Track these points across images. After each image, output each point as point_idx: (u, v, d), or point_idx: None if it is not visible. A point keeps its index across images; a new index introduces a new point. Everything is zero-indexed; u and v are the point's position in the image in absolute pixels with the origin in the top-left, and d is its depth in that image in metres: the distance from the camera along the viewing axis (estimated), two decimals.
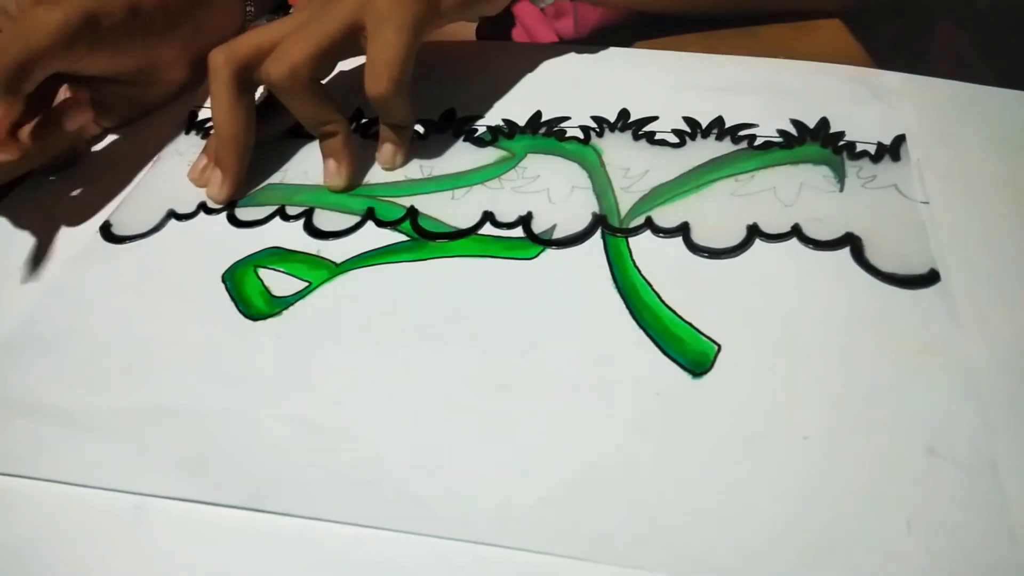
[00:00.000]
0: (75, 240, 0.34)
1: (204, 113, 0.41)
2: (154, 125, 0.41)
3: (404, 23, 0.33)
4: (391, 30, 0.33)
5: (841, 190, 0.31)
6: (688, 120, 0.36)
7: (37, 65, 0.32)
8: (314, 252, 0.32)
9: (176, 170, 0.37)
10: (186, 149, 0.39)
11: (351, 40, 0.34)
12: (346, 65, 0.41)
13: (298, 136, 0.38)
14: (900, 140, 0.33)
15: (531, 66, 0.41)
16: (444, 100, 0.39)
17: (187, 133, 0.40)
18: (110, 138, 0.41)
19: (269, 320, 0.29)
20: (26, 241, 0.35)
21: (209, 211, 0.35)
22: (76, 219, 0.35)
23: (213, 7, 0.42)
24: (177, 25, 0.39)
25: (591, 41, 0.43)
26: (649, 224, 0.31)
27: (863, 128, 0.34)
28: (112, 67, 0.37)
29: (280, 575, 0.22)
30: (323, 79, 0.35)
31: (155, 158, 0.39)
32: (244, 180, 0.35)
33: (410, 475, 0.24)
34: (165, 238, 0.34)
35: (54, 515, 0.24)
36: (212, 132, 0.36)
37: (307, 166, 0.37)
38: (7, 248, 0.35)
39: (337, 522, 0.23)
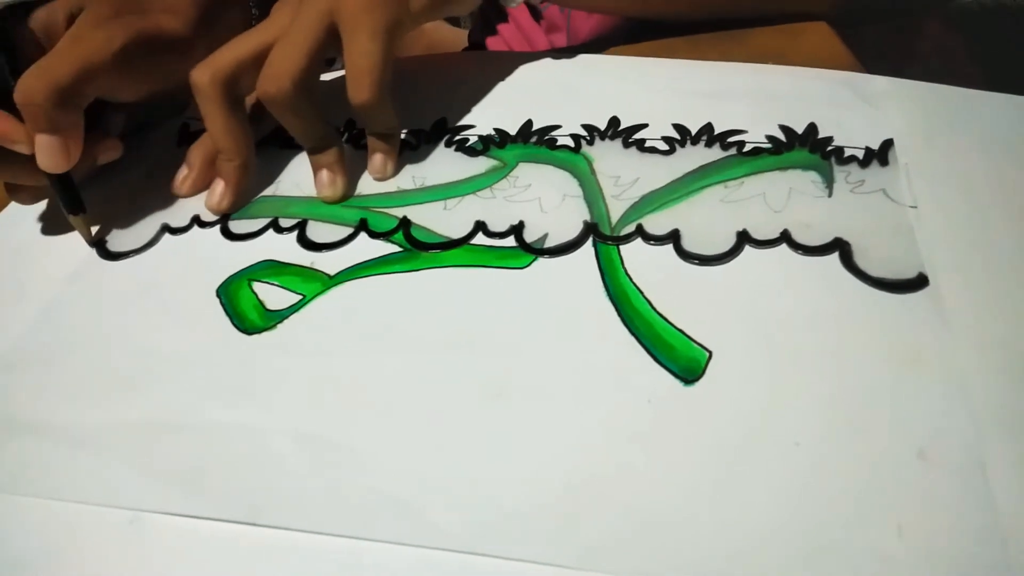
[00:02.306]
0: (72, 257, 0.35)
1: (195, 126, 0.41)
2: (145, 139, 0.41)
3: (376, 28, 0.33)
4: (365, 37, 0.33)
5: (830, 195, 0.31)
6: (678, 127, 0.36)
7: (92, 82, 0.32)
8: (308, 264, 0.32)
9: (169, 184, 0.37)
10: (178, 162, 0.39)
11: (333, 42, 0.34)
12: (333, 76, 0.41)
13: (286, 147, 0.38)
14: (888, 144, 0.33)
15: (521, 75, 0.42)
16: (435, 110, 0.40)
17: (179, 146, 0.40)
18: None
19: (264, 333, 0.30)
20: (23, 259, 0.35)
21: (203, 224, 0.35)
22: (73, 237, 0.35)
23: (231, 17, 0.41)
24: (198, 42, 0.38)
25: (582, 50, 0.43)
26: (640, 232, 0.31)
27: (851, 133, 0.34)
28: (143, 91, 0.36)
29: None
30: (315, 89, 0.35)
31: (147, 172, 0.39)
32: (245, 192, 0.36)
33: (405, 486, 0.24)
34: (160, 253, 0.34)
35: (51, 531, 0.24)
36: (195, 144, 0.37)
37: (299, 178, 0.37)
38: (5, 266, 0.35)
39: (333, 535, 0.23)
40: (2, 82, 0.32)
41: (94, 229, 0.35)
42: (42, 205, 0.38)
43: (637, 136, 0.36)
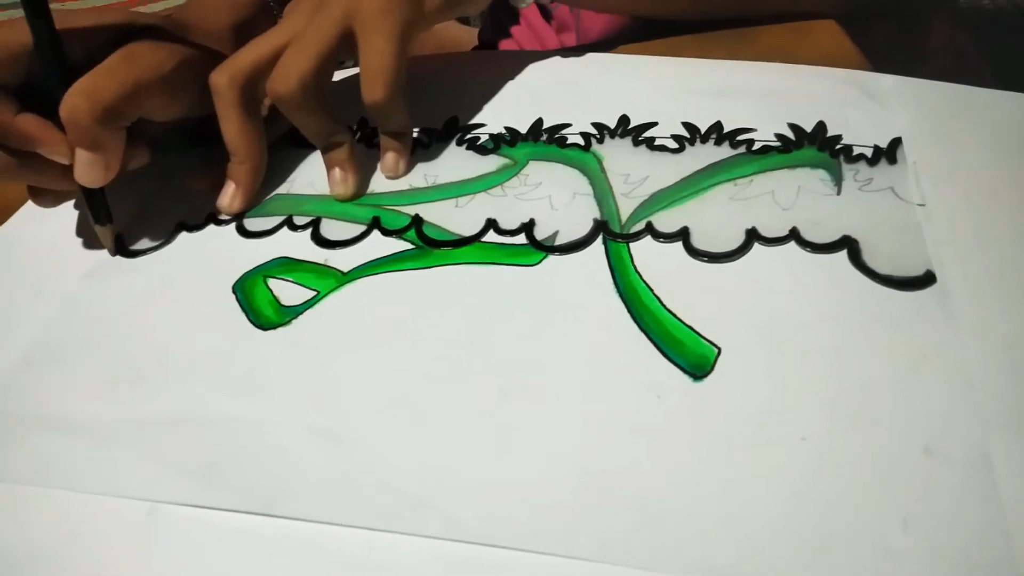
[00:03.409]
0: (89, 255, 0.35)
1: None
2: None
3: (392, 29, 0.34)
4: (380, 38, 0.34)
5: (838, 193, 0.32)
6: (687, 125, 0.36)
7: (139, 103, 0.33)
8: (321, 261, 0.33)
9: (184, 182, 0.38)
10: (193, 161, 0.39)
11: (345, 46, 0.35)
12: (346, 76, 0.42)
13: (300, 146, 0.39)
14: (896, 143, 0.33)
15: (532, 74, 0.42)
16: (446, 109, 0.40)
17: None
18: None
19: (279, 329, 0.30)
20: (41, 257, 0.36)
21: (218, 222, 0.36)
22: (90, 234, 0.36)
23: (262, 21, 0.41)
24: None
25: (592, 49, 0.43)
26: (650, 229, 0.31)
27: (860, 131, 0.34)
28: (181, 113, 0.36)
29: None
30: (326, 90, 0.35)
31: (163, 171, 0.39)
32: (256, 194, 0.36)
33: (418, 480, 0.25)
34: (176, 250, 0.35)
35: (70, 522, 0.25)
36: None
37: (313, 176, 0.37)
38: (23, 265, 0.35)
39: (348, 526, 0.24)
40: (53, 88, 0.32)
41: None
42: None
43: (647, 134, 0.36)
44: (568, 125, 0.38)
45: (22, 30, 0.31)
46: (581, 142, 0.37)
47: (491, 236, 0.33)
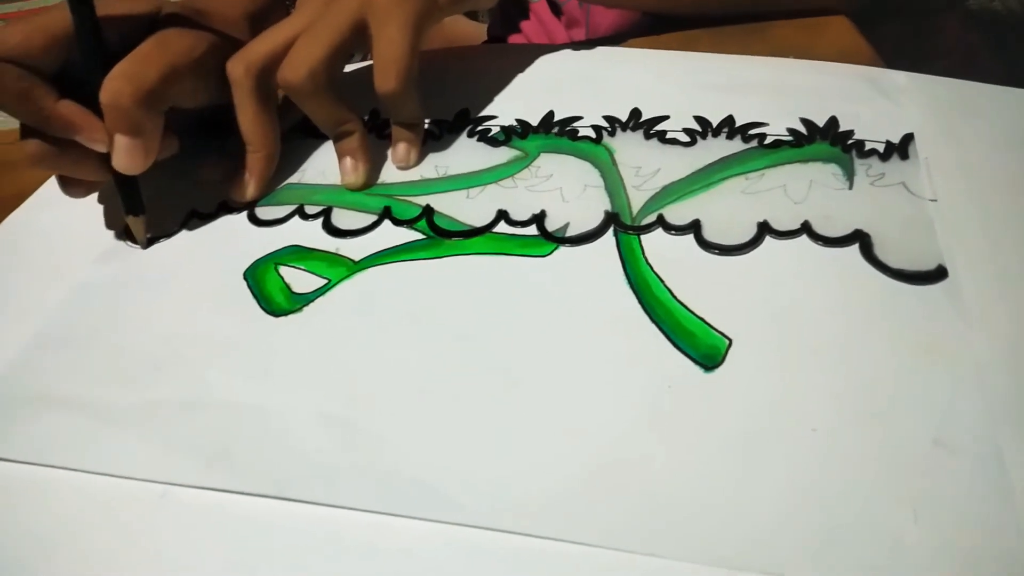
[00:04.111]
0: (101, 241, 0.35)
1: None
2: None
3: (406, 20, 0.34)
4: (394, 28, 0.34)
5: (850, 188, 0.32)
6: (699, 119, 0.36)
7: (175, 87, 0.33)
8: (333, 250, 0.33)
9: (197, 169, 0.38)
10: (206, 148, 0.39)
11: (358, 38, 0.35)
12: (358, 68, 0.42)
13: (312, 136, 0.39)
14: (908, 139, 0.33)
15: (543, 67, 0.42)
16: (458, 101, 0.40)
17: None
18: None
19: (290, 316, 0.30)
20: (53, 243, 0.36)
21: (230, 210, 0.36)
22: (101, 221, 0.36)
23: (276, 11, 0.41)
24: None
25: (603, 43, 0.43)
26: (661, 222, 0.31)
27: (872, 127, 0.34)
28: (205, 101, 0.36)
29: (302, 561, 0.23)
30: (337, 79, 0.35)
31: (176, 158, 0.39)
32: (270, 183, 0.36)
33: (427, 465, 0.25)
34: (187, 237, 0.35)
35: (82, 503, 0.25)
36: None
37: (324, 166, 0.37)
38: (37, 248, 0.36)
39: (357, 510, 0.24)
40: (92, 74, 0.32)
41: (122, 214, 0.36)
42: None
43: (658, 128, 0.36)
44: (579, 118, 0.38)
45: (61, 16, 0.31)
46: (592, 135, 0.37)
47: (502, 227, 0.33)
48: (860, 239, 0.29)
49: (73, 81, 0.32)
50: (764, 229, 0.30)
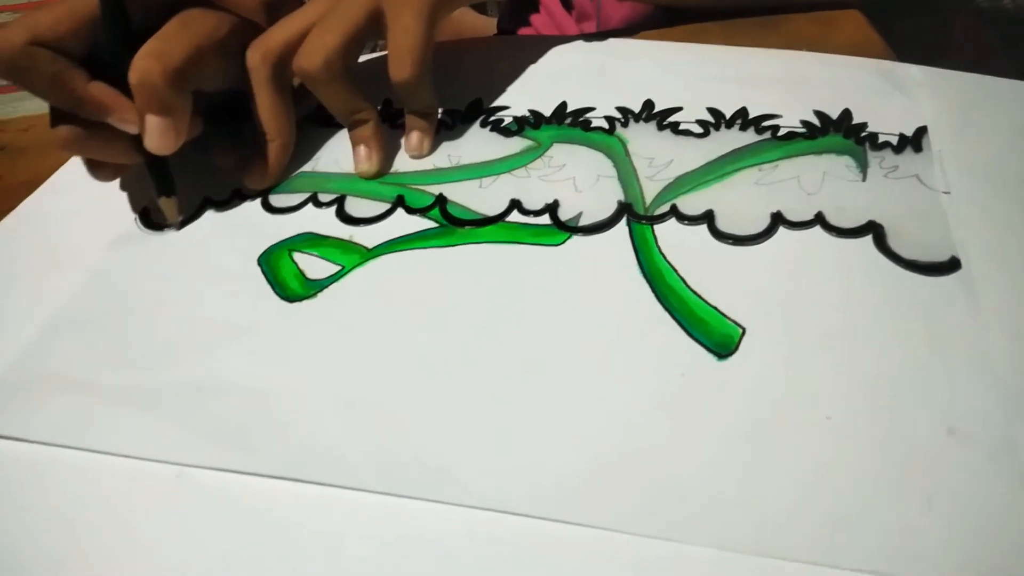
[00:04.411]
0: (115, 226, 0.35)
1: None
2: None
3: (421, 9, 0.34)
4: (409, 16, 0.34)
5: (864, 180, 0.32)
6: (712, 111, 0.36)
7: (202, 66, 0.33)
8: (346, 237, 0.33)
9: (209, 156, 0.38)
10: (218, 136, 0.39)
11: (373, 26, 0.35)
12: (371, 59, 0.42)
13: (326, 125, 0.39)
14: (922, 132, 0.33)
15: (555, 58, 0.42)
16: (470, 92, 0.40)
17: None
18: None
19: (304, 302, 0.30)
20: (67, 228, 0.36)
21: (243, 198, 0.36)
22: (115, 206, 0.36)
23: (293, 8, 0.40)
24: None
25: (615, 35, 0.43)
26: (674, 212, 0.32)
27: (885, 120, 0.34)
28: (225, 83, 0.36)
29: (316, 543, 0.23)
30: (352, 68, 0.35)
31: (189, 145, 0.39)
32: (284, 171, 0.37)
33: (441, 450, 0.25)
34: (202, 224, 0.35)
35: (97, 484, 0.25)
36: None
37: (338, 155, 0.37)
38: (49, 235, 0.36)
39: (372, 492, 0.24)
40: (118, 56, 0.32)
41: (137, 201, 0.36)
42: (85, 172, 0.39)
43: (671, 119, 0.36)
44: (592, 109, 0.38)
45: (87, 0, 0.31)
46: (605, 125, 0.37)
47: (515, 216, 0.33)
48: (873, 230, 0.29)
49: (99, 64, 0.32)
50: (777, 220, 0.30)
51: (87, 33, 0.31)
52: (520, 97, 0.40)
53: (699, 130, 0.35)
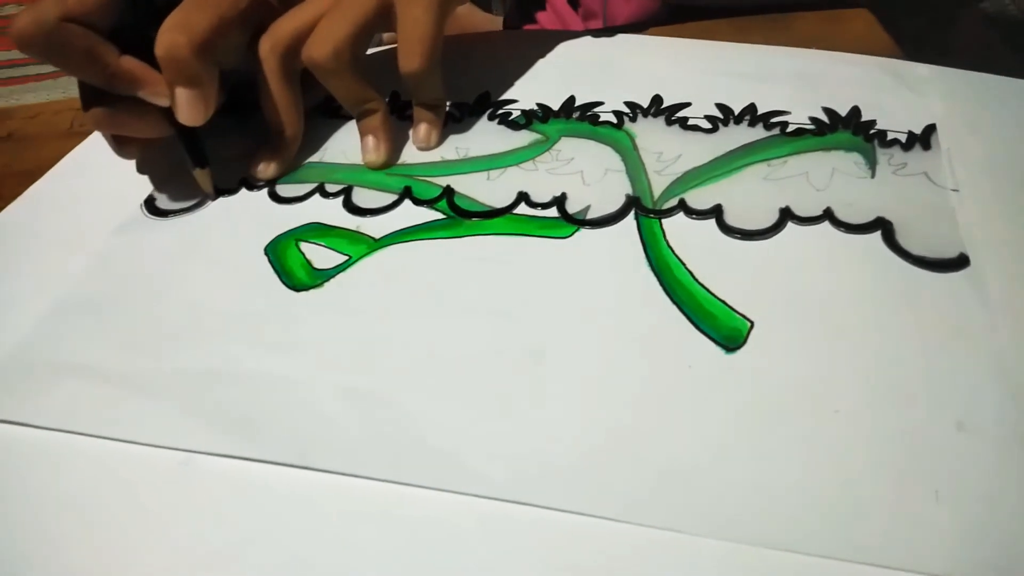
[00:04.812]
0: (120, 213, 0.35)
1: None
2: None
3: (431, 1, 0.34)
4: (419, 8, 0.34)
5: (872, 176, 0.32)
6: (721, 106, 0.36)
7: (226, 37, 0.32)
8: (353, 228, 0.33)
9: (215, 145, 0.38)
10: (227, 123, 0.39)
11: (383, 17, 0.35)
12: (379, 51, 0.42)
13: (333, 116, 0.39)
14: (931, 129, 0.34)
15: (564, 53, 0.42)
16: (479, 85, 0.40)
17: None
18: None
19: (311, 291, 0.30)
20: (73, 214, 0.36)
21: (250, 187, 0.36)
22: (121, 193, 0.36)
23: None
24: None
25: (624, 31, 0.43)
26: (682, 206, 0.31)
27: (894, 117, 0.34)
28: (240, 61, 0.35)
29: (323, 530, 0.23)
30: (361, 58, 0.35)
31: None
32: (292, 161, 0.36)
33: (448, 439, 0.25)
34: (207, 213, 0.35)
35: (104, 469, 0.25)
36: None
37: (345, 146, 0.37)
38: (56, 221, 0.36)
39: (380, 480, 0.24)
40: (144, 28, 0.32)
41: (142, 188, 0.36)
42: (92, 161, 0.39)
43: (680, 114, 0.36)
44: (600, 103, 0.38)
45: None
46: (614, 120, 0.37)
47: (522, 208, 0.33)
48: (882, 226, 0.29)
49: (121, 40, 0.32)
50: (786, 215, 0.30)
51: (114, 7, 0.31)
52: (528, 91, 0.40)
53: (708, 126, 0.35)
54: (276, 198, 0.35)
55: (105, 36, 0.31)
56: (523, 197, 0.33)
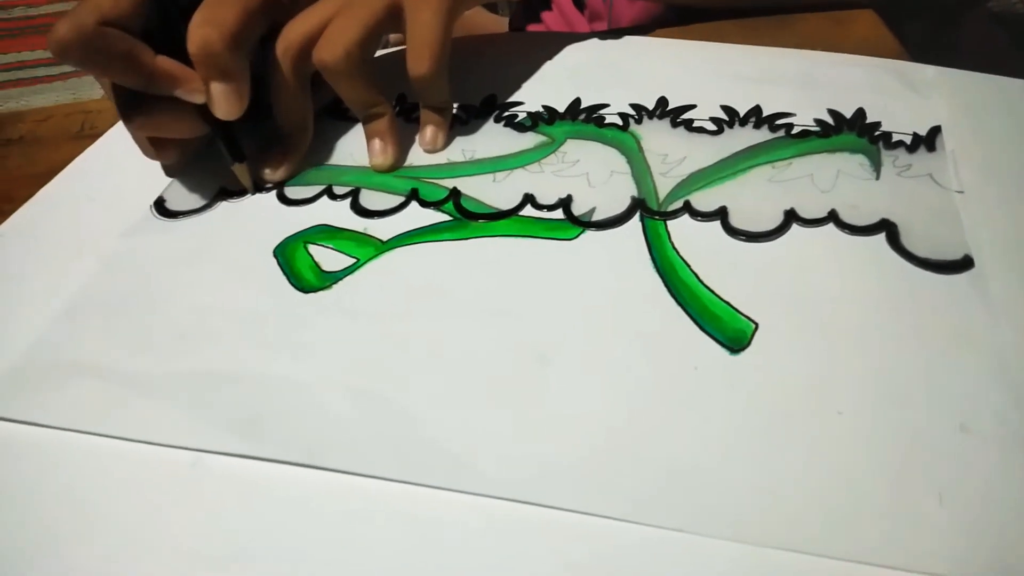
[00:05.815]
0: (130, 215, 0.36)
1: None
2: None
3: (439, 5, 0.35)
4: (428, 11, 0.34)
5: (877, 178, 0.32)
6: (726, 108, 0.36)
7: (254, 29, 0.33)
8: (361, 230, 0.33)
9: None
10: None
11: (392, 20, 0.35)
12: (386, 54, 0.42)
13: (341, 119, 0.39)
14: (936, 131, 0.34)
15: (570, 55, 0.42)
16: (485, 88, 0.40)
17: None
18: None
19: (320, 293, 0.30)
20: (83, 217, 0.36)
21: (259, 189, 0.36)
22: (130, 195, 0.36)
23: None
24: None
25: (630, 33, 0.43)
26: (687, 208, 0.32)
27: (899, 119, 0.34)
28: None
29: (331, 529, 0.23)
30: (370, 61, 0.36)
31: (207, 136, 0.40)
32: (302, 163, 0.37)
33: (456, 439, 0.25)
34: (217, 214, 0.35)
35: (114, 469, 0.26)
36: None
37: (353, 148, 0.38)
38: (66, 223, 0.36)
39: (387, 479, 0.24)
40: (172, 28, 0.32)
41: (151, 190, 0.36)
42: (102, 163, 0.39)
43: (685, 116, 0.36)
44: (606, 105, 0.38)
45: None
46: (619, 122, 0.37)
47: (528, 210, 0.33)
48: (887, 228, 0.29)
49: (149, 40, 0.32)
50: (791, 217, 0.30)
51: (144, 8, 0.31)
52: (534, 93, 0.40)
53: (713, 127, 0.36)
54: (285, 200, 0.35)
55: (139, 38, 0.31)
56: (529, 199, 0.33)
